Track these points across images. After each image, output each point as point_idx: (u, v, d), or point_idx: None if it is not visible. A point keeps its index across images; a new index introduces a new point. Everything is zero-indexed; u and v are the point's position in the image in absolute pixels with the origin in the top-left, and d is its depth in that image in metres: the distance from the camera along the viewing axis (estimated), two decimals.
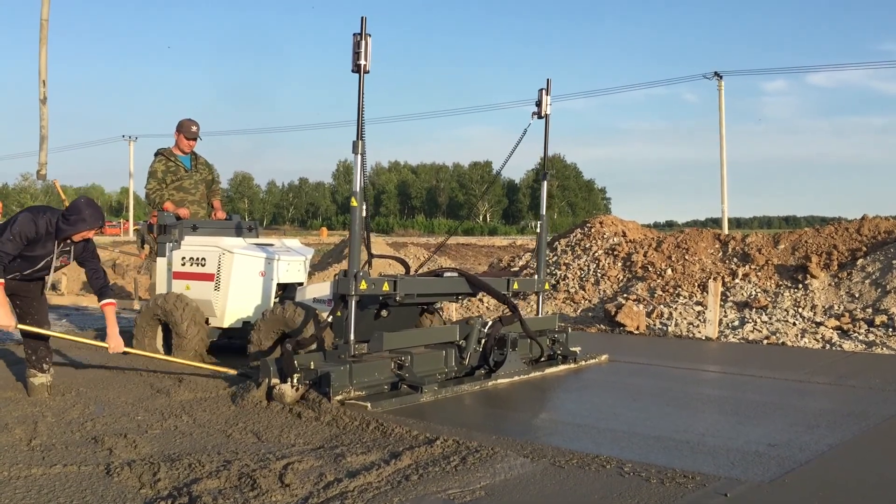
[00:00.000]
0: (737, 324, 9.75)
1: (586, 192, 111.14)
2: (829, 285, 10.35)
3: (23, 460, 3.85)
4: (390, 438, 4.32)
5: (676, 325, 9.89)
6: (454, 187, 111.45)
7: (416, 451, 4.00)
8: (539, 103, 7.31)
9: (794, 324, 9.46)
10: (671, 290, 11.29)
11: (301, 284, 7.19)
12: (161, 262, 7.30)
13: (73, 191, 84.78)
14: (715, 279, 10.36)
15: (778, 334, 9.12)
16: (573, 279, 12.59)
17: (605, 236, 13.78)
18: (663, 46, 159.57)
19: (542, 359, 6.87)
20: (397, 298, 5.85)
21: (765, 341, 8.95)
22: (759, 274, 11.05)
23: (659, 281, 11.65)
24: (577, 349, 7.13)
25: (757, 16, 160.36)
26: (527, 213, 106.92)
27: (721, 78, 33.77)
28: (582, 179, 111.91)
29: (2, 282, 4.91)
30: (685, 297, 10.95)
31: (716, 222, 41.06)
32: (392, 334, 5.62)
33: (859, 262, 10.49)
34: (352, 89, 5.40)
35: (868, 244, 10.88)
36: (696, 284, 11.24)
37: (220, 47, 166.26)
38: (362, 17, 5.29)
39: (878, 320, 9.05)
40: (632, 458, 3.98)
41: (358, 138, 5.38)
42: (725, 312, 10.20)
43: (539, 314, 7.53)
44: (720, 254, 12.00)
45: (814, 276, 10.52)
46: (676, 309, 10.46)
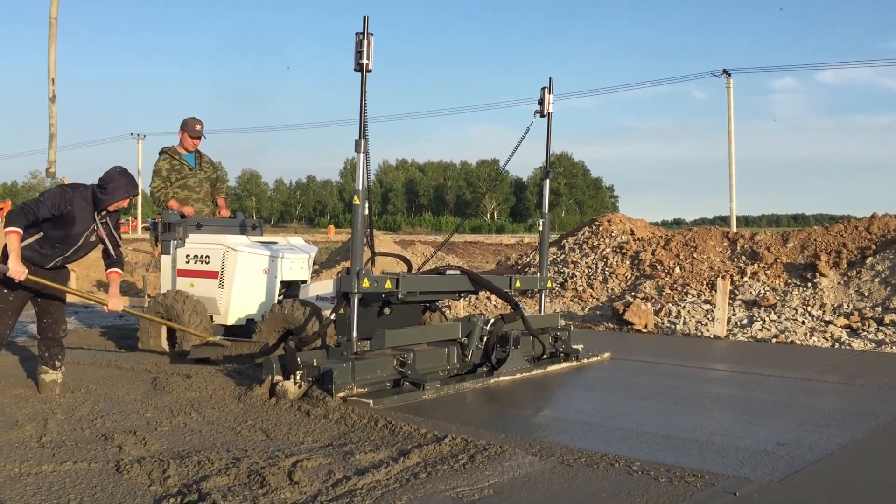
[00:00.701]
0: (745, 322, 9.72)
1: (594, 191, 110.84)
2: (839, 284, 10.31)
3: (33, 457, 3.87)
4: (398, 436, 4.33)
5: (685, 323, 9.87)
6: (462, 185, 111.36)
7: (425, 449, 4.01)
8: (541, 102, 7.32)
9: (803, 322, 9.43)
10: (679, 289, 11.26)
11: (305, 282, 7.21)
12: (165, 259, 7.32)
13: None
14: (723, 277, 10.32)
15: (787, 333, 9.09)
16: (581, 277, 12.58)
17: (613, 234, 13.76)
18: (671, 44, 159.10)
19: (545, 356, 6.87)
20: (400, 296, 5.86)
21: (773, 340, 8.93)
22: (768, 272, 11.01)
23: (667, 279, 11.62)
24: (580, 347, 7.14)
25: (765, 13, 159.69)
26: (534, 210, 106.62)
27: (729, 75, 33.53)
28: (589, 177, 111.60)
29: (19, 231, 4.90)
30: (693, 296, 10.92)
31: (724, 220, 40.93)
32: (394, 332, 5.64)
33: (868, 260, 10.44)
34: (358, 87, 5.41)
35: (877, 242, 10.83)
36: (705, 283, 11.21)
37: (228, 46, 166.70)
38: (364, 17, 5.30)
39: (887, 319, 9.01)
40: (640, 456, 3.98)
41: (361, 137, 5.39)
42: (734, 311, 10.17)
43: (542, 312, 7.54)
44: (729, 252, 11.97)
45: (823, 275, 10.48)
46: (685, 307, 10.44)
